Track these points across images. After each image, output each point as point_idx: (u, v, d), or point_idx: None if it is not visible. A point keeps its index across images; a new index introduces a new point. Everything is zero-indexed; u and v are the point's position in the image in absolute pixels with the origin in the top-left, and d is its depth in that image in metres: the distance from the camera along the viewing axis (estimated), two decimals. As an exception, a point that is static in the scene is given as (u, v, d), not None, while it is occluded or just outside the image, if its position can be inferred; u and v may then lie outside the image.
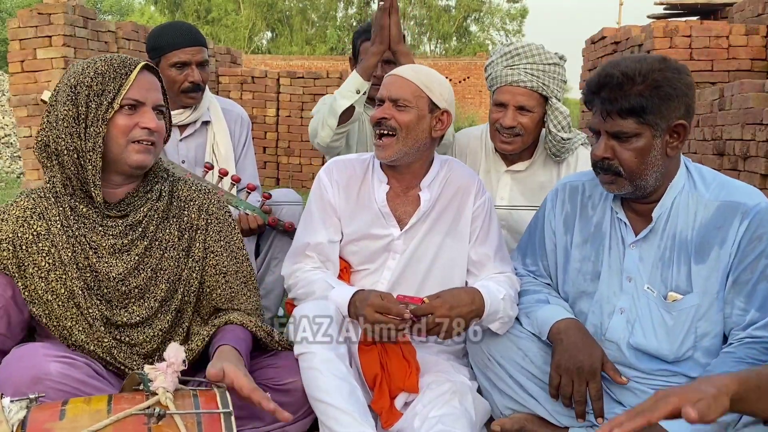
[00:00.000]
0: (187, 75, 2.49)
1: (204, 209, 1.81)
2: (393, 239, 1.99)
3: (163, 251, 1.74)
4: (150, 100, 1.67)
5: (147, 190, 1.74)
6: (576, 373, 1.72)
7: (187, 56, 2.48)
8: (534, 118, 2.29)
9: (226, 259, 1.82)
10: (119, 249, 1.69)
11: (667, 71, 1.64)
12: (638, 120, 1.64)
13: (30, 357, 1.51)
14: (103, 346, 1.65)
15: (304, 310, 1.79)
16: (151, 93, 1.68)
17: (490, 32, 37.00)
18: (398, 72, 1.98)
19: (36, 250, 1.64)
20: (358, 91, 2.48)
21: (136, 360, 1.68)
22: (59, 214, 1.66)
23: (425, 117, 1.94)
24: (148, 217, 1.72)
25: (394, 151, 1.92)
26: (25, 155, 7.09)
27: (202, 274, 1.79)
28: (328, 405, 1.64)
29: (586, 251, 1.88)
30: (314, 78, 8.83)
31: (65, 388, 1.47)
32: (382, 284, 1.98)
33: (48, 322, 1.65)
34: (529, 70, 2.24)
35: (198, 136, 2.64)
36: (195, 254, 1.78)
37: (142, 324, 1.71)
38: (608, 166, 1.71)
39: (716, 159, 4.75)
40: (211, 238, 1.80)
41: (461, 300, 1.80)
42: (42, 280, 1.64)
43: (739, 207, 1.67)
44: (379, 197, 2.00)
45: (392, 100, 1.93)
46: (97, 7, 26.40)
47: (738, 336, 1.65)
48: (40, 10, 6.61)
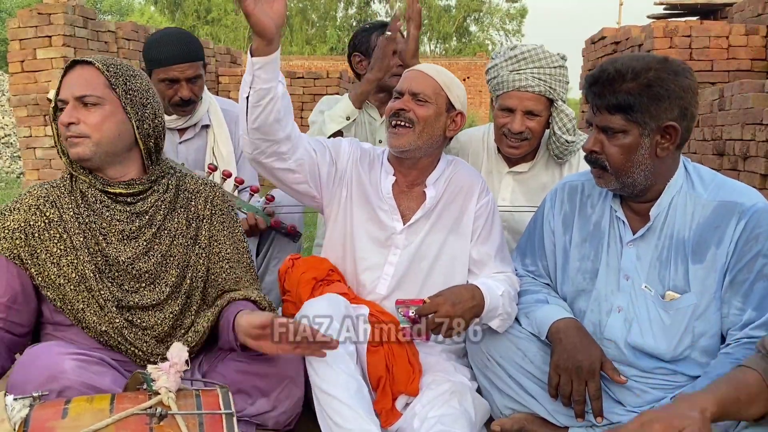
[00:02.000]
0: (176, 90, 2.47)
1: (209, 201, 1.89)
2: (395, 233, 2.00)
3: (172, 239, 1.81)
4: (70, 95, 1.70)
5: (153, 181, 1.81)
6: (575, 373, 1.73)
7: (176, 74, 2.45)
8: (541, 121, 2.29)
9: (229, 246, 1.89)
10: (128, 235, 1.76)
11: (662, 72, 1.64)
12: (626, 117, 1.65)
13: (45, 356, 1.55)
14: (114, 327, 1.70)
15: (305, 310, 1.79)
16: (73, 88, 1.70)
17: (490, 32, 37.04)
18: (420, 68, 2.01)
19: (48, 237, 1.71)
20: (348, 118, 2.50)
21: (147, 342, 1.74)
22: (71, 202, 1.74)
23: (442, 114, 1.97)
24: (155, 207, 1.80)
25: (408, 141, 1.94)
26: (25, 155, 7.09)
27: (208, 261, 1.86)
28: (334, 398, 1.65)
29: (585, 250, 1.88)
30: (314, 78, 8.84)
31: (81, 385, 1.50)
32: (385, 279, 1.99)
33: (62, 306, 1.70)
34: (536, 75, 2.24)
35: (197, 140, 2.64)
36: (201, 242, 1.86)
37: (153, 308, 1.77)
38: (596, 160, 1.73)
39: (716, 159, 4.75)
40: (215, 227, 1.88)
41: (462, 296, 1.81)
42: (54, 265, 1.70)
43: (736, 207, 1.67)
44: (385, 188, 2.02)
45: (413, 93, 1.95)
46: (97, 7, 26.38)
47: (735, 336, 1.65)
48: (40, 10, 6.62)
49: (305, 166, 1.95)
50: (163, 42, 2.48)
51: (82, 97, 1.69)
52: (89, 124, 1.69)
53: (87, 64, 1.73)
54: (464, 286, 1.89)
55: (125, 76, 1.74)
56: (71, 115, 1.69)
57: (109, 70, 1.72)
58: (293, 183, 1.97)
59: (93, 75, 1.71)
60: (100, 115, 1.70)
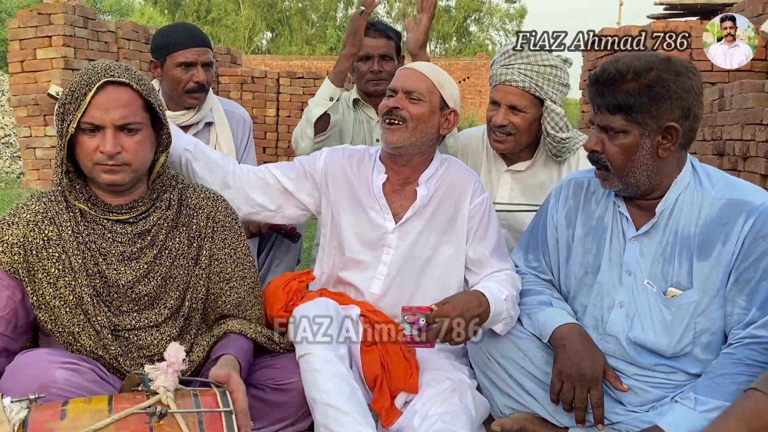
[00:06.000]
0: (193, 75, 2.48)
1: (211, 217, 1.81)
2: (387, 232, 1.99)
3: (173, 260, 1.74)
4: (109, 121, 1.60)
5: (155, 198, 1.74)
6: (578, 380, 1.73)
7: (194, 56, 2.47)
8: (527, 118, 2.27)
9: (230, 266, 1.82)
10: (128, 256, 1.69)
11: (664, 72, 1.63)
12: (626, 117, 1.65)
13: (35, 364, 1.51)
14: (110, 353, 1.65)
15: (305, 310, 1.79)
16: (112, 112, 1.60)
17: (490, 32, 37.04)
18: (414, 66, 2.00)
19: (46, 256, 1.64)
20: (331, 99, 2.49)
21: (142, 365, 1.66)
22: (70, 219, 1.66)
23: (436, 113, 1.96)
24: (157, 226, 1.72)
25: (402, 137, 1.93)
26: (25, 155, 7.09)
27: (208, 282, 1.79)
28: (329, 406, 1.64)
29: (588, 244, 1.88)
30: (314, 78, 8.84)
31: (71, 395, 1.46)
32: (379, 279, 1.99)
33: (53, 328, 1.64)
34: (523, 70, 2.24)
35: (201, 138, 2.64)
36: (202, 262, 1.78)
37: (151, 327, 1.71)
38: (597, 159, 1.73)
39: (716, 159, 4.75)
40: (216, 246, 1.80)
41: (470, 303, 1.79)
42: (50, 286, 1.64)
43: (745, 205, 1.66)
44: (376, 186, 2.01)
45: (406, 91, 1.94)
46: (97, 7, 26.36)
47: (738, 335, 1.65)
48: (40, 10, 6.62)
49: (289, 212, 2.09)
50: (177, 28, 2.58)
51: (125, 126, 1.61)
52: (131, 152, 1.62)
53: (122, 85, 1.63)
54: (470, 293, 1.87)
55: (152, 90, 1.68)
56: (115, 144, 1.60)
57: (141, 88, 1.64)
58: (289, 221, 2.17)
59: (131, 98, 1.63)
60: (139, 141, 1.64)
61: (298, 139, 2.58)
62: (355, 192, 2.03)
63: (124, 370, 1.66)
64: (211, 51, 2.56)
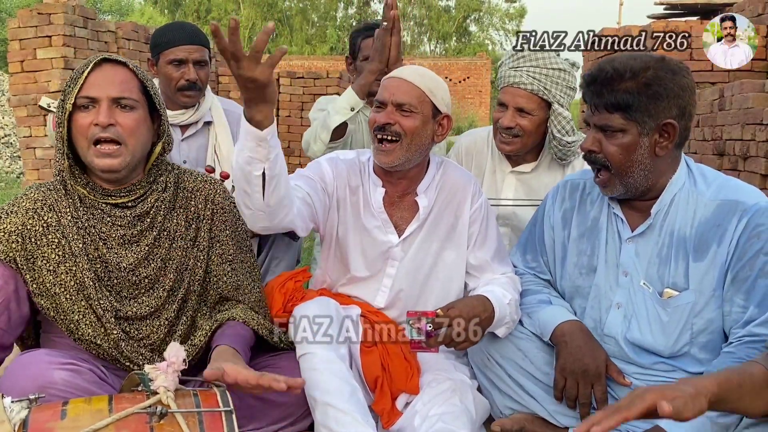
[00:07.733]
0: (184, 73, 2.48)
1: (210, 199, 1.81)
2: (391, 246, 1.97)
3: (172, 241, 1.75)
4: (105, 94, 1.60)
5: (151, 181, 1.75)
6: (581, 376, 1.73)
7: (184, 54, 2.47)
8: (534, 121, 2.28)
9: (232, 247, 1.82)
10: (129, 240, 1.70)
11: (661, 70, 1.64)
12: (624, 116, 1.65)
13: (34, 365, 1.51)
14: (110, 340, 1.65)
15: (305, 310, 1.79)
16: (108, 87, 1.60)
17: (490, 32, 37.04)
18: (401, 75, 1.90)
19: (46, 242, 1.65)
20: (353, 109, 2.47)
21: (142, 353, 1.69)
22: (69, 205, 1.67)
23: (429, 122, 1.89)
24: (155, 208, 1.73)
25: (397, 157, 1.87)
26: (25, 155, 7.09)
27: (207, 264, 1.79)
28: (329, 405, 1.64)
29: (583, 245, 1.88)
30: (314, 78, 8.82)
31: (70, 396, 1.46)
32: (384, 291, 1.97)
33: (55, 315, 1.65)
34: (531, 73, 2.24)
35: (200, 137, 2.64)
36: (200, 244, 1.79)
37: (150, 316, 1.71)
38: (595, 159, 1.73)
39: (716, 159, 4.74)
40: (217, 227, 1.81)
41: (476, 309, 1.77)
42: (50, 272, 1.64)
43: (738, 205, 1.67)
44: (376, 202, 1.97)
45: (397, 104, 1.86)
46: (97, 7, 26.37)
47: (738, 334, 1.65)
48: (40, 10, 6.61)
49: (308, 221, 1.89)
50: (171, 27, 2.58)
51: (119, 99, 1.61)
52: (125, 128, 1.61)
53: (118, 63, 1.64)
54: (475, 297, 1.85)
55: (150, 79, 1.70)
56: (109, 115, 1.59)
57: (137, 71, 1.65)
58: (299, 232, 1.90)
59: (127, 76, 1.64)
60: (135, 119, 1.64)
61: (311, 142, 2.56)
62: (357, 210, 1.98)
63: (123, 359, 1.66)
64: (207, 50, 2.54)
